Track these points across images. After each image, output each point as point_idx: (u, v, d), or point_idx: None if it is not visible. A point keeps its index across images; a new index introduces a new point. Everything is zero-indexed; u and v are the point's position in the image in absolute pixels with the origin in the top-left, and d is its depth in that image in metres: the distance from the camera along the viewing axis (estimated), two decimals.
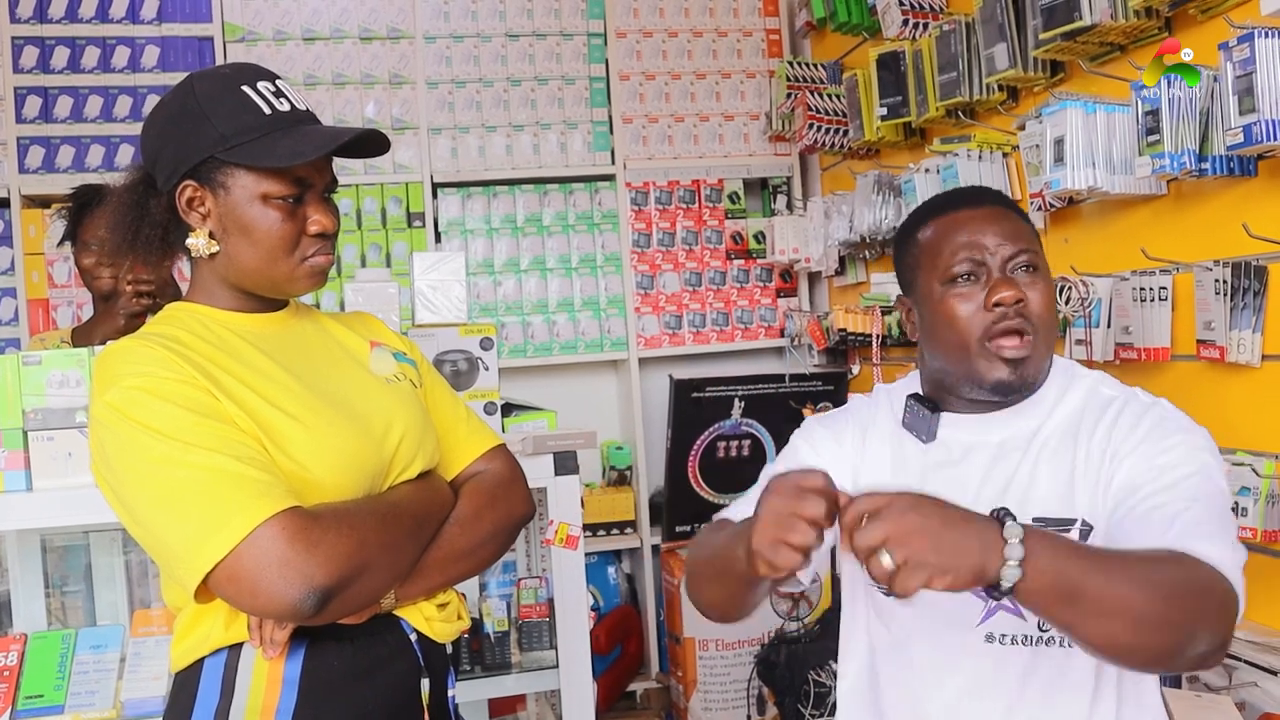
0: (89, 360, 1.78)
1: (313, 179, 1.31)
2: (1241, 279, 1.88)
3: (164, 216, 1.32)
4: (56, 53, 3.51)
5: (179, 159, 1.28)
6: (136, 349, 1.23)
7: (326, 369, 1.37)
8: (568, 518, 2.05)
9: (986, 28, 2.50)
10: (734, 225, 3.96)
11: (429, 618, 1.36)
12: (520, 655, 2.21)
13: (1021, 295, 1.30)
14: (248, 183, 1.28)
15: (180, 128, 1.29)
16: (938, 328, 1.36)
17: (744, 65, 3.97)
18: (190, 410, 1.18)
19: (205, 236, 1.30)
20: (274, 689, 1.25)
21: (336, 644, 1.28)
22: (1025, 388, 1.34)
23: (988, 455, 1.36)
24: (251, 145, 1.26)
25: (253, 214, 1.28)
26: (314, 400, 1.29)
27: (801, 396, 3.50)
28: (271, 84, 1.31)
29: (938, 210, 1.39)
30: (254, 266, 1.31)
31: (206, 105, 1.28)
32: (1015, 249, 1.32)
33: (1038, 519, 1.29)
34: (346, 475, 1.27)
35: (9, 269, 3.47)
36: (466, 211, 3.80)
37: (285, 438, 1.24)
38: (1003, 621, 1.30)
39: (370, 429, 1.32)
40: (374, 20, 3.73)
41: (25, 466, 1.77)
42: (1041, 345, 1.32)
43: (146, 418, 1.17)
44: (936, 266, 1.35)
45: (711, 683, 3.37)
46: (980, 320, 1.31)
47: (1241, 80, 1.76)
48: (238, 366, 1.27)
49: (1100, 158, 2.10)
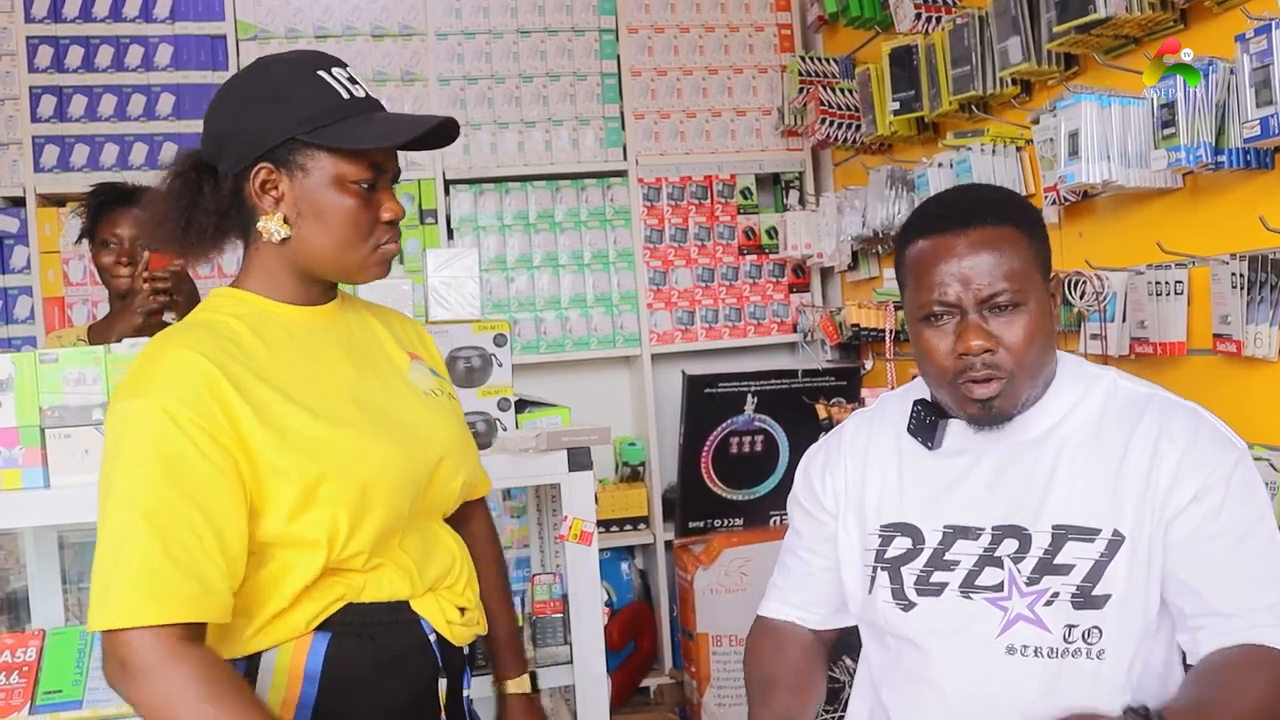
0: (105, 358, 1.79)
1: (387, 165, 1.31)
2: (1258, 272, 1.87)
3: (222, 203, 1.30)
4: (71, 52, 3.52)
5: (255, 140, 1.27)
6: (180, 364, 1.20)
7: (370, 376, 1.36)
8: (581, 514, 2.05)
9: (1000, 21, 2.49)
10: (746, 220, 3.95)
11: (450, 621, 1.36)
12: (534, 651, 2.21)
13: (989, 345, 1.28)
14: (326, 165, 1.27)
15: (258, 109, 1.27)
16: (918, 356, 1.37)
17: (756, 60, 3.96)
18: (169, 473, 1.15)
19: (279, 220, 1.28)
20: (295, 683, 1.25)
21: (357, 641, 1.28)
22: (1002, 419, 1.33)
23: (998, 457, 1.35)
24: (334, 128, 1.26)
25: (329, 198, 1.27)
26: (354, 408, 1.29)
27: (814, 392, 3.48)
28: (344, 70, 1.31)
29: (926, 227, 1.36)
30: (326, 252, 1.30)
31: (285, 88, 1.26)
32: (992, 290, 1.29)
33: (1058, 526, 1.28)
34: (386, 484, 1.27)
35: (25, 267, 3.49)
36: (479, 208, 3.80)
37: (322, 445, 1.23)
38: (1023, 632, 1.28)
39: (411, 440, 1.32)
40: (386, 18, 3.73)
41: (42, 463, 1.77)
42: (1019, 381, 1.30)
43: (133, 455, 1.16)
44: (915, 299, 1.34)
45: (725, 678, 3.37)
46: (951, 364, 1.31)
47: (1258, 72, 1.74)
48: (282, 370, 1.26)
49: (1115, 151, 2.08)
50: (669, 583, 3.77)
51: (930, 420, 1.39)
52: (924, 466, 1.40)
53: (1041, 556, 1.29)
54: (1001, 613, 1.29)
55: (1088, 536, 1.27)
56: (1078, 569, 1.27)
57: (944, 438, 1.39)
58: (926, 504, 1.37)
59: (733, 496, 3.50)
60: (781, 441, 3.52)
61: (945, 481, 1.37)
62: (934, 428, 1.39)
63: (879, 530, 1.41)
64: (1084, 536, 1.27)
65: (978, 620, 1.30)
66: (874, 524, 1.41)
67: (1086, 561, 1.27)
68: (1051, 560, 1.28)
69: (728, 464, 3.52)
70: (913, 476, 1.40)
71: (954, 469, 1.37)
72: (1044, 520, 1.30)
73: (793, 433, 3.45)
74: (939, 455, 1.39)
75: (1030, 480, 1.32)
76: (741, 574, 3.35)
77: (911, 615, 1.35)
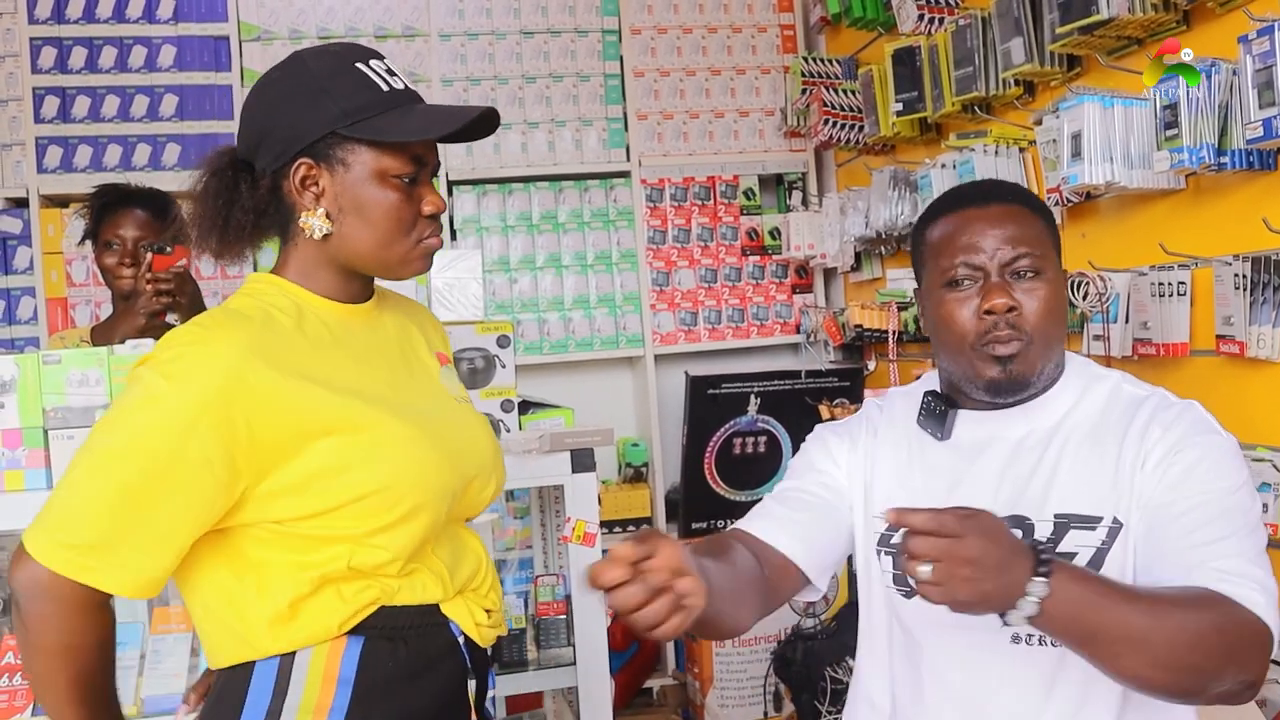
0: (108, 359, 1.79)
1: (428, 158, 1.29)
2: (1261, 274, 1.87)
3: (260, 200, 1.28)
4: (74, 53, 3.53)
5: (295, 135, 1.25)
6: (219, 359, 1.18)
7: (406, 379, 1.35)
8: (585, 515, 2.06)
9: (1003, 22, 2.49)
10: (749, 221, 3.95)
11: (479, 623, 1.35)
12: (538, 653, 2.22)
13: (1014, 303, 1.30)
14: (368, 159, 1.25)
15: (297, 104, 1.25)
16: (938, 328, 1.37)
17: (759, 61, 3.96)
18: (157, 465, 1.16)
19: (321, 216, 1.26)
20: (329, 688, 1.24)
21: (390, 644, 1.27)
22: (1019, 386, 1.33)
23: (1006, 451, 1.36)
24: (375, 121, 1.24)
25: (371, 193, 1.25)
26: (390, 413, 1.27)
27: (817, 393, 3.48)
28: (382, 62, 1.29)
29: (946, 208, 1.40)
30: (368, 248, 1.28)
31: (325, 81, 1.24)
32: (1014, 253, 1.31)
33: (1060, 515, 1.29)
34: (427, 490, 1.26)
35: (28, 268, 3.49)
36: (482, 209, 3.80)
37: (355, 447, 1.22)
38: None
39: (451, 448, 1.31)
40: (389, 19, 3.73)
41: (46, 465, 1.78)
42: (1037, 347, 1.32)
43: (133, 430, 1.17)
44: (938, 268, 1.36)
45: (728, 679, 3.37)
46: (974, 326, 1.32)
47: (1261, 73, 1.74)
48: (324, 367, 1.24)
49: (1118, 152, 2.08)
50: None
51: (940, 411, 1.40)
52: (932, 457, 1.41)
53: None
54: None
55: (1089, 525, 1.28)
56: (1079, 557, 1.27)
57: (954, 427, 1.40)
58: (935, 494, 1.37)
59: (736, 497, 3.49)
60: (785, 442, 3.52)
61: (953, 472, 1.38)
62: (944, 418, 1.39)
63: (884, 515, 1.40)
64: (1086, 525, 1.28)
65: None
66: (880, 509, 1.41)
67: (1089, 549, 1.28)
68: (1054, 549, 1.28)
69: (731, 465, 3.52)
70: (921, 466, 1.41)
71: (962, 460, 1.38)
72: (1047, 510, 1.30)
73: (796, 434, 3.43)
74: (947, 446, 1.40)
75: (1035, 473, 1.33)
76: None
77: (915, 600, 1.34)
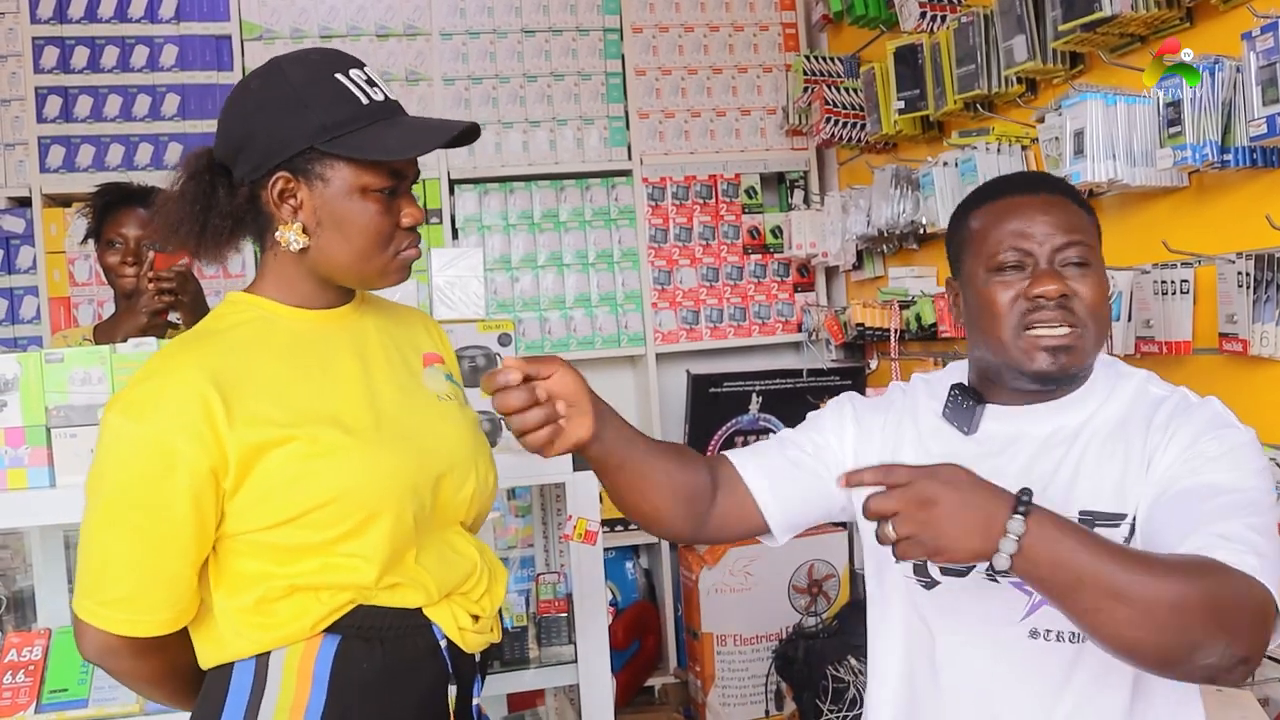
0: (110, 358, 1.79)
1: (407, 171, 1.29)
2: (1264, 271, 1.86)
3: (238, 208, 1.27)
4: (76, 53, 3.53)
5: (273, 148, 1.24)
6: (181, 386, 1.20)
7: (381, 380, 1.35)
8: (586, 513, 2.05)
9: (1005, 19, 2.48)
10: (751, 220, 3.95)
11: (462, 628, 1.35)
12: (539, 651, 2.21)
13: (1066, 290, 1.27)
14: (347, 175, 1.24)
15: (274, 116, 1.24)
16: (980, 314, 1.34)
17: (760, 59, 3.96)
18: (140, 504, 1.20)
19: (298, 231, 1.26)
20: (304, 687, 1.24)
21: (366, 645, 1.27)
22: (1067, 378, 1.31)
23: (1031, 448, 1.33)
24: (355, 136, 1.23)
25: (350, 207, 1.25)
26: (361, 414, 1.28)
27: (819, 391, 3.48)
28: (362, 72, 1.28)
29: (992, 195, 1.37)
30: (347, 261, 1.28)
31: (301, 92, 1.23)
32: (1065, 240, 1.29)
33: (1084, 513, 1.27)
34: (388, 493, 1.26)
35: (31, 267, 3.49)
36: (483, 208, 3.80)
37: (302, 459, 1.23)
38: (1046, 617, 1.27)
39: (415, 448, 1.31)
40: (390, 18, 3.73)
41: (48, 463, 1.78)
42: (1090, 339, 1.29)
43: (115, 477, 1.20)
44: (983, 253, 1.33)
45: (729, 678, 3.37)
46: (1019, 308, 1.29)
47: (1265, 70, 1.74)
48: (286, 380, 1.26)
49: (1121, 150, 2.08)
50: (674, 582, 3.77)
51: (968, 405, 1.37)
52: (955, 449, 1.37)
53: None
54: (1027, 597, 1.28)
55: (1113, 522, 1.26)
56: None
57: (980, 422, 1.37)
58: None
59: None
60: None
61: (975, 466, 1.36)
62: (971, 412, 1.37)
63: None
64: (1110, 522, 1.26)
65: (1002, 603, 1.29)
66: None
67: None
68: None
69: None
70: (942, 457, 1.38)
71: (985, 455, 1.34)
72: (1071, 508, 1.27)
73: None
74: (970, 440, 1.37)
75: (1059, 470, 1.31)
76: (746, 574, 3.35)
77: (935, 593, 1.34)
